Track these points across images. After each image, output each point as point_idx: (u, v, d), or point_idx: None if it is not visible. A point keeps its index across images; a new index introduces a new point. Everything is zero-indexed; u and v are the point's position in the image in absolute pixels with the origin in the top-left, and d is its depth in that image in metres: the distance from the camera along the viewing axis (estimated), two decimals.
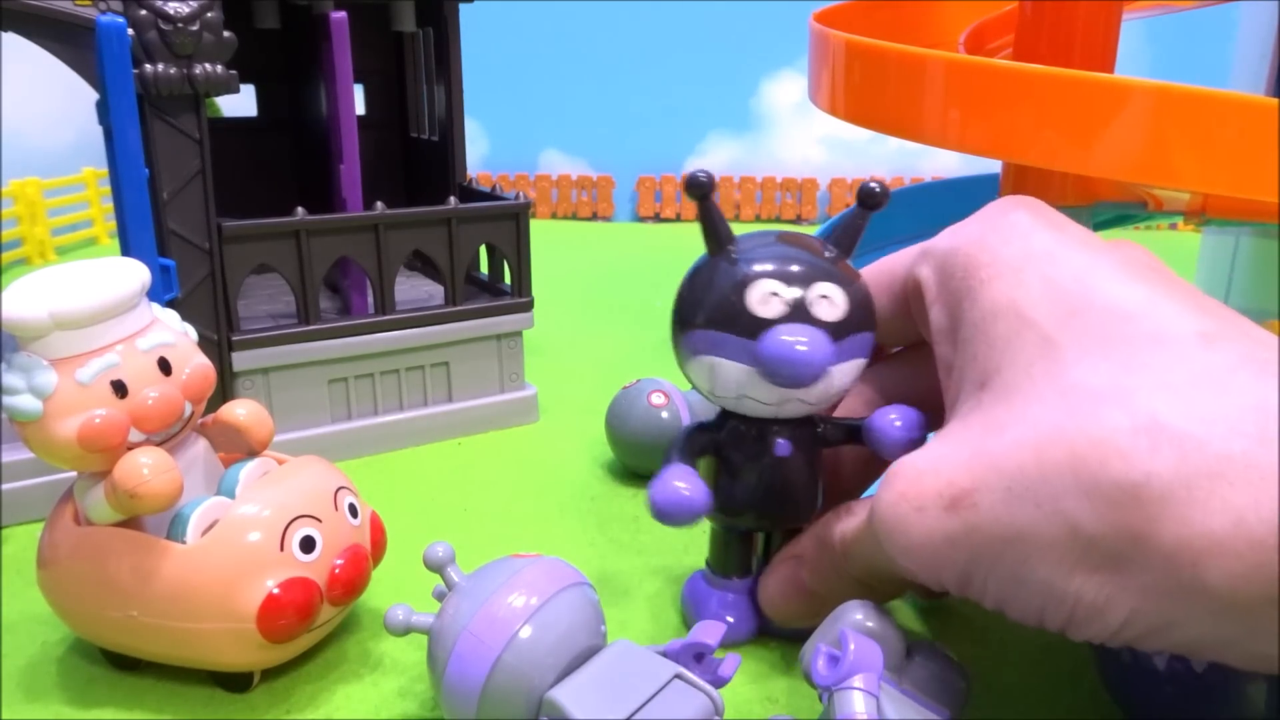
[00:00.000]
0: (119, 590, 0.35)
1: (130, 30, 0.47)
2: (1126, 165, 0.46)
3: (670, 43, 1.55)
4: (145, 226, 0.49)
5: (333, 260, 0.57)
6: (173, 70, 0.48)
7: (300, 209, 0.55)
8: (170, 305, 0.51)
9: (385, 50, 0.75)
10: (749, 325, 0.34)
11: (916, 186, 0.83)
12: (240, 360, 0.55)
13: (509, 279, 0.64)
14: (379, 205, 0.58)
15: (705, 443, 0.38)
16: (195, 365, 0.37)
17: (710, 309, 0.35)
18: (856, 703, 0.28)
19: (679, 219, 1.57)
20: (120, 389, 0.34)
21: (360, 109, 0.75)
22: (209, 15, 0.49)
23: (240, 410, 0.40)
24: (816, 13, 0.64)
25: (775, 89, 1.56)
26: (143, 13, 0.47)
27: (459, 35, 0.68)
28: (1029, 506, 0.26)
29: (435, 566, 0.33)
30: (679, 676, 0.31)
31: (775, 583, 0.39)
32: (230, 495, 0.37)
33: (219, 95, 0.51)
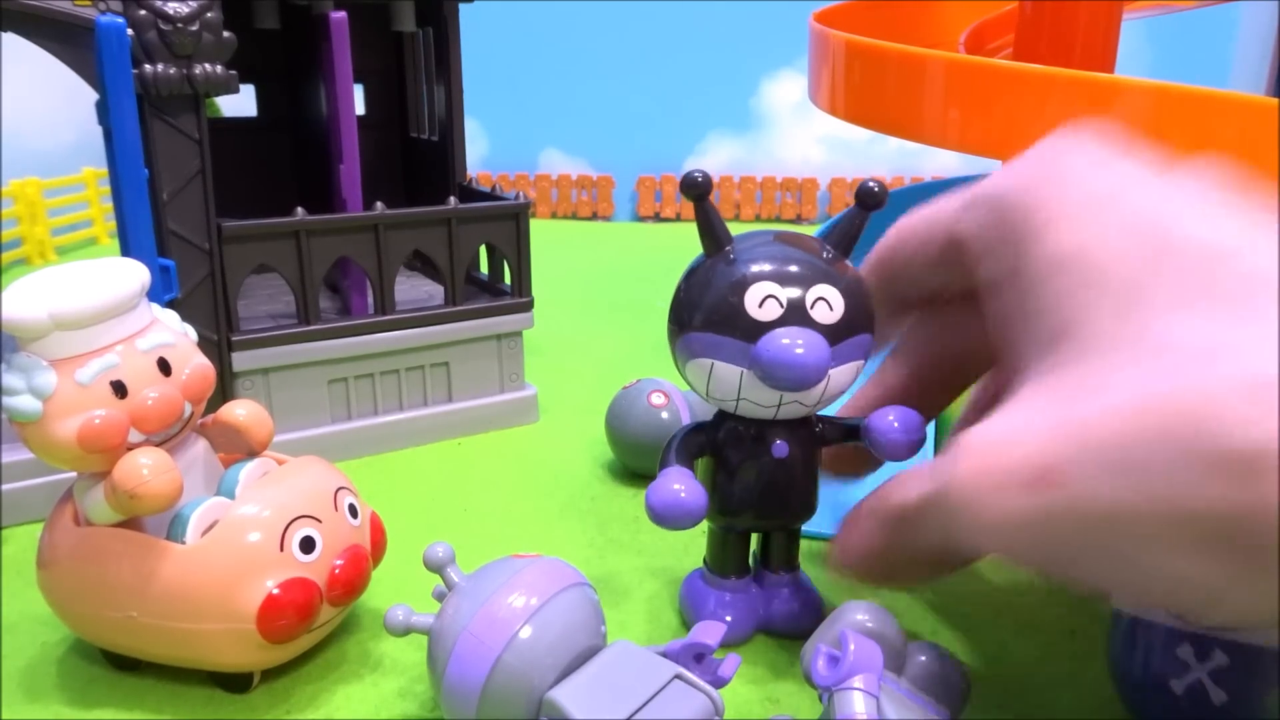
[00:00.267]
0: (119, 591, 0.35)
1: (130, 30, 0.47)
2: None
3: (670, 43, 1.55)
4: (145, 226, 0.49)
5: (333, 260, 0.57)
6: (172, 70, 0.48)
7: (300, 209, 0.55)
8: (170, 305, 0.51)
9: (385, 50, 0.75)
10: (746, 328, 0.34)
11: (916, 186, 0.83)
12: (240, 360, 0.55)
13: (509, 279, 0.64)
14: (379, 205, 0.57)
15: (703, 443, 0.38)
16: (195, 365, 0.37)
17: (707, 311, 0.35)
18: (856, 703, 0.28)
19: (679, 219, 1.57)
20: (120, 389, 0.34)
21: (360, 109, 0.75)
22: (209, 15, 0.49)
23: (240, 410, 0.40)
24: (816, 12, 0.64)
25: (775, 89, 1.56)
26: (142, 13, 0.47)
27: (459, 35, 0.68)
28: (1125, 481, 0.23)
29: (435, 567, 0.33)
30: (679, 677, 0.31)
31: (856, 539, 0.35)
32: (230, 496, 0.37)
33: (219, 95, 0.51)
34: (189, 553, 0.35)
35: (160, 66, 0.48)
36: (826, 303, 0.34)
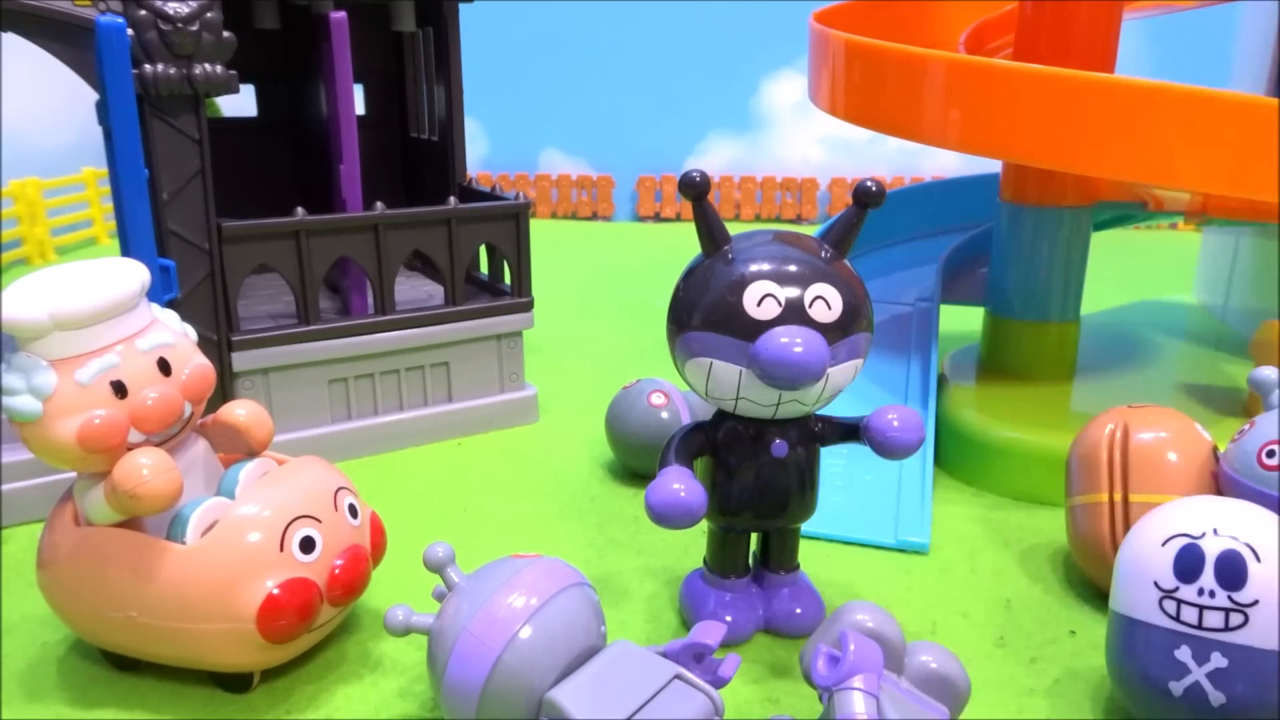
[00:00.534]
0: (119, 591, 0.35)
1: (130, 30, 0.47)
2: (1127, 165, 0.46)
3: (670, 43, 1.55)
4: (145, 226, 0.49)
5: (333, 260, 0.57)
6: (172, 70, 0.48)
7: (300, 209, 0.55)
8: (170, 305, 0.51)
9: (385, 50, 0.75)
10: (745, 327, 0.34)
11: (915, 187, 0.83)
12: (240, 360, 0.55)
13: (509, 279, 0.64)
14: (379, 205, 0.58)
15: (702, 443, 0.38)
16: (195, 366, 0.37)
17: (706, 310, 0.35)
18: (856, 703, 0.28)
19: (679, 219, 1.57)
20: (120, 389, 0.34)
21: (360, 109, 0.75)
22: (209, 15, 0.49)
23: (240, 410, 0.40)
24: (816, 13, 0.64)
25: (775, 89, 1.56)
26: (142, 13, 0.47)
27: (459, 35, 0.68)
28: None
29: (435, 567, 0.33)
30: (679, 677, 0.30)
31: None
32: (230, 496, 0.37)
33: (219, 95, 0.51)
34: (189, 553, 0.35)
35: (160, 66, 0.48)
36: (825, 301, 0.34)
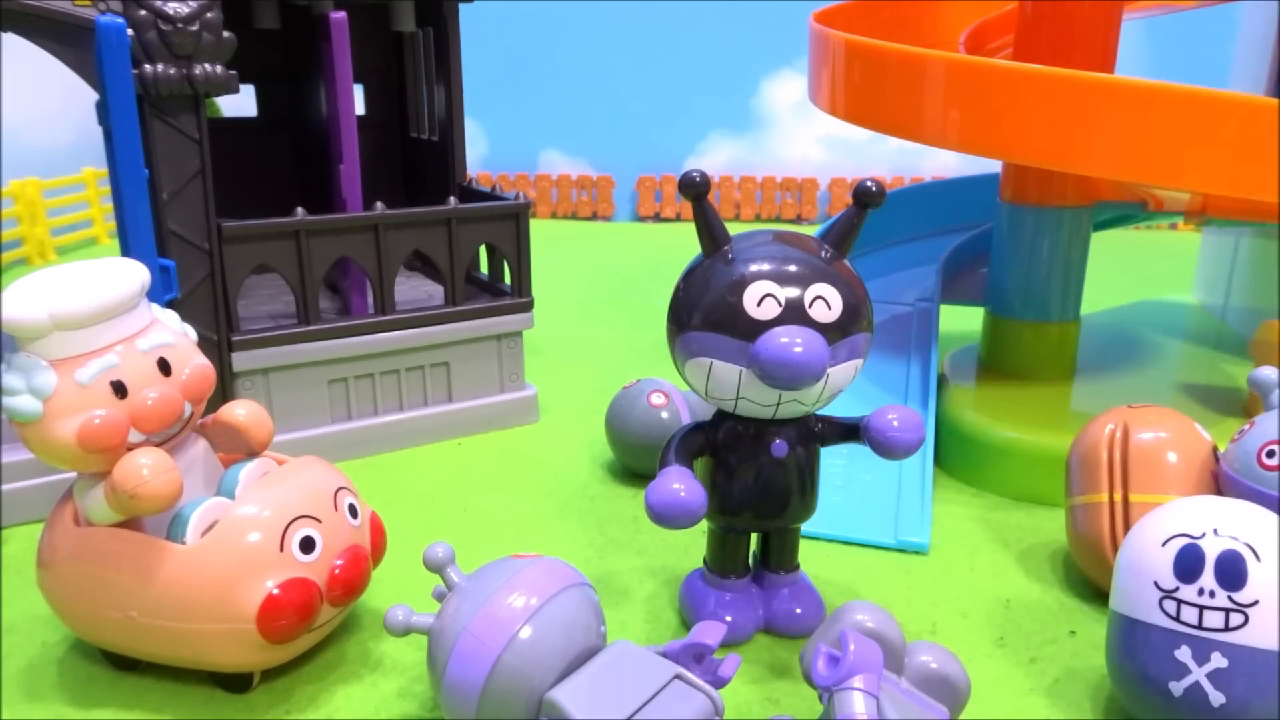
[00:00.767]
0: (119, 591, 0.35)
1: (130, 30, 0.47)
2: (1126, 165, 0.46)
3: (670, 43, 1.55)
4: (145, 226, 0.49)
5: (333, 260, 0.57)
6: (172, 70, 0.48)
7: (300, 209, 0.55)
8: (170, 305, 0.51)
9: (385, 50, 0.75)
10: (745, 327, 0.34)
11: (915, 187, 0.83)
12: (240, 360, 0.55)
13: (509, 279, 0.64)
14: (379, 205, 0.58)
15: (701, 443, 0.38)
16: (195, 366, 0.37)
17: (706, 310, 0.35)
18: (856, 703, 0.28)
19: (679, 219, 1.57)
20: (120, 389, 0.34)
21: (360, 109, 0.75)
22: (209, 15, 0.49)
23: (240, 411, 0.40)
24: (816, 13, 0.64)
25: (775, 89, 1.56)
26: (142, 13, 0.47)
27: (459, 35, 0.68)
28: None
29: (435, 567, 0.33)
30: (679, 677, 0.30)
31: None
32: (230, 496, 0.37)
33: (219, 95, 0.51)
34: (189, 553, 0.35)
35: (160, 66, 0.48)
36: (825, 301, 0.34)
